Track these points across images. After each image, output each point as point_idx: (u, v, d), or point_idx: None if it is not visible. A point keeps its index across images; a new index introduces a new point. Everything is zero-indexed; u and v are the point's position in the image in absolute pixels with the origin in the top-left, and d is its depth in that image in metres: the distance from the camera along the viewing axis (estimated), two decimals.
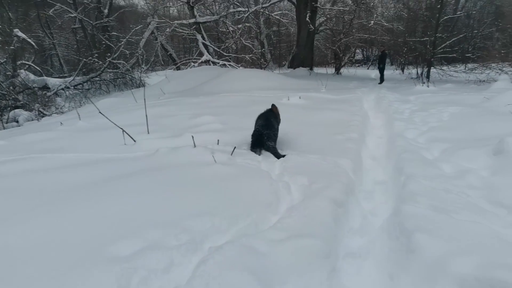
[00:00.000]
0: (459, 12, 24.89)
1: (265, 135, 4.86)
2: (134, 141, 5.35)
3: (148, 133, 5.98)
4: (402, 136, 6.00)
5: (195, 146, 4.63)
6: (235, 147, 4.57)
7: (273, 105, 5.80)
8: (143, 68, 25.15)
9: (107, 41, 23.53)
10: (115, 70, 20.69)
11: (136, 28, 23.13)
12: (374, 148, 6.10)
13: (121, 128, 5.43)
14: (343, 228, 3.28)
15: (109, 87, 20.06)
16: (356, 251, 3.06)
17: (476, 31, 20.43)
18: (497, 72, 13.46)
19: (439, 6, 17.86)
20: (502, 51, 12.75)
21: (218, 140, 5.02)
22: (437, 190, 3.51)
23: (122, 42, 22.36)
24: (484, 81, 13.45)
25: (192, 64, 24.55)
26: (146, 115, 6.08)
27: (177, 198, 3.21)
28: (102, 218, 2.81)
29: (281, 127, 5.60)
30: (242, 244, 2.52)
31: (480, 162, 4.33)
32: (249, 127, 6.24)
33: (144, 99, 6.73)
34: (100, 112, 5.93)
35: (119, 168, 4.07)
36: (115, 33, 25.35)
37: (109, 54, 21.53)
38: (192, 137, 4.65)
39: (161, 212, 2.91)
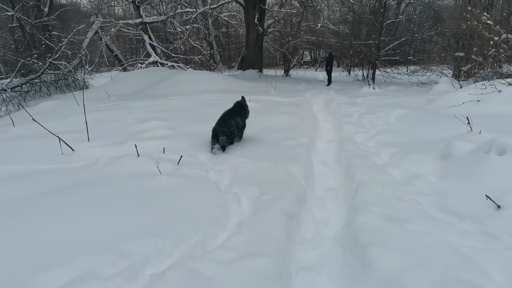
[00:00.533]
0: (400, 16, 25.82)
1: (220, 131, 5.26)
2: (72, 150, 4.95)
3: (89, 140, 5.58)
4: (352, 140, 5.97)
5: (138, 155, 4.32)
6: (181, 156, 4.31)
7: (242, 97, 6.46)
8: (87, 69, 24.12)
9: (47, 41, 22.26)
10: (56, 72, 19.67)
11: (79, 28, 22.07)
12: (325, 152, 6.03)
13: (57, 136, 5.00)
14: (296, 241, 3.12)
15: (50, 89, 19.01)
16: (310, 265, 2.90)
17: (416, 35, 21.21)
18: (438, 75, 14.00)
19: (382, 10, 18.39)
20: (442, 54, 13.26)
21: (164, 148, 4.73)
22: (388, 198, 3.43)
23: (64, 42, 21.25)
24: (425, 83, 13.94)
25: (139, 65, 23.77)
26: (86, 121, 5.65)
27: (115, 216, 2.91)
28: (27, 243, 2.47)
29: None
30: (187, 269, 2.28)
31: (429, 167, 4.34)
32: (199, 132, 6.00)
33: (84, 103, 6.28)
34: (33, 119, 5.45)
35: (52, 181, 3.70)
36: (55, 33, 24.05)
37: (49, 54, 20.43)
38: (135, 145, 4.33)
39: (97, 234, 2.61)
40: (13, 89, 17.33)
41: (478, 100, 7.54)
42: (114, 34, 28.08)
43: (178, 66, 24.13)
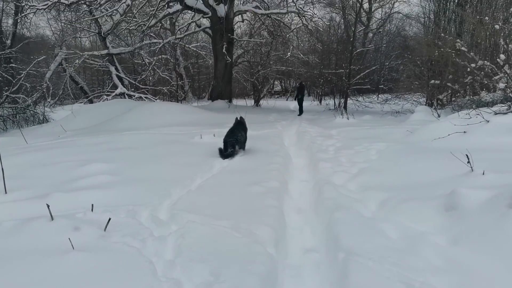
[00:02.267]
0: (370, 45, 25.68)
1: (229, 142, 6.61)
2: None
3: (6, 192, 4.37)
4: (330, 182, 4.98)
5: (52, 218, 3.17)
6: (109, 219, 3.17)
7: (241, 117, 7.69)
8: (49, 102, 22.76)
9: (3, 73, 20.82)
10: (13, 106, 18.26)
11: (38, 59, 20.82)
12: (299, 197, 5.01)
13: None
14: None
15: (7, 124, 17.52)
16: None
17: (386, 64, 20.93)
18: (412, 103, 13.39)
19: (351, 39, 17.99)
20: (416, 82, 12.66)
21: (92, 205, 3.59)
22: (393, 283, 2.40)
23: (22, 75, 19.92)
24: (399, 112, 13.29)
25: (105, 97, 22.62)
26: (2, 168, 4.44)
27: None
28: None
29: (184, 180, 4.31)
30: None
31: (431, 222, 3.36)
32: (146, 178, 4.89)
33: None
34: None
35: None
36: (13, 65, 22.62)
37: (6, 88, 19.05)
38: (48, 206, 3.17)
39: None
40: None
41: (464, 132, 6.73)
42: (80, 66, 26.93)
43: (146, 97, 23.16)
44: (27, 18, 28.24)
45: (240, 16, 21.63)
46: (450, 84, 11.10)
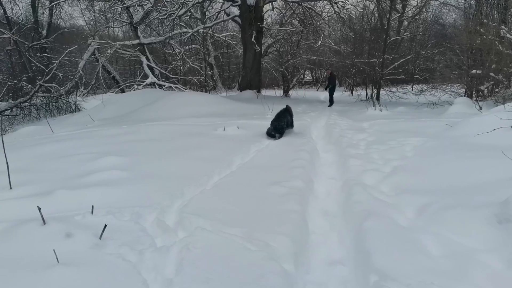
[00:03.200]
0: (405, 33, 24.47)
1: (276, 126, 7.47)
2: None
3: (11, 188, 4.08)
4: (360, 182, 4.45)
5: (44, 222, 2.81)
6: (105, 226, 2.77)
7: (287, 106, 8.40)
8: (82, 91, 23.02)
9: (37, 63, 21.06)
10: (46, 95, 18.45)
11: (70, 49, 20.87)
12: (325, 197, 4.50)
13: None
14: None
15: (40, 113, 17.75)
16: None
17: (423, 52, 19.80)
18: (450, 95, 12.47)
19: (385, 27, 17.06)
20: (455, 72, 11.71)
21: (92, 207, 3.21)
22: None
23: (55, 65, 20.07)
24: (435, 103, 12.42)
25: (136, 86, 22.64)
26: (7, 162, 4.14)
27: None
28: None
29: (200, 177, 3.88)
30: None
31: (481, 237, 2.81)
32: (160, 175, 4.50)
33: (2, 138, 4.73)
34: None
35: None
36: (46, 55, 22.88)
37: (40, 77, 19.25)
38: (39, 209, 2.81)
39: None
40: (1, 113, 16.06)
41: None
42: (112, 55, 27.11)
43: (176, 87, 23.04)
44: (62, 8, 28.71)
45: (270, 4, 20.97)
46: (493, 74, 10.18)
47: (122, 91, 23.78)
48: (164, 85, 22.50)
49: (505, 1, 12.83)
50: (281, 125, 7.53)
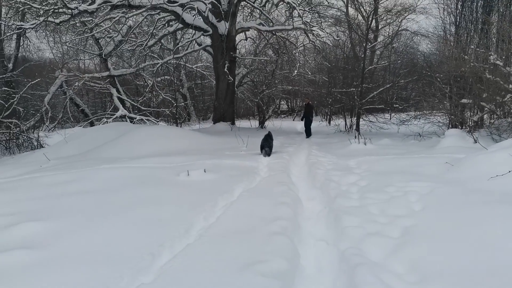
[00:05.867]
0: (383, 62, 23.93)
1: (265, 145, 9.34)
2: None
3: None
4: (363, 256, 3.18)
5: None
6: None
7: (269, 132, 10.19)
8: (47, 126, 21.48)
9: None
10: (6, 131, 16.79)
11: (32, 82, 19.45)
12: (317, 278, 3.20)
13: None
14: None
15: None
16: None
17: (402, 81, 19.12)
18: (438, 126, 11.49)
19: (363, 56, 16.31)
20: (445, 102, 10.70)
21: None
22: None
23: (15, 99, 18.52)
24: (420, 135, 11.39)
25: (105, 120, 21.23)
26: None
27: None
28: None
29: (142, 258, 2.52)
30: None
31: None
32: (89, 254, 3.11)
33: None
34: None
35: None
36: (5, 89, 21.27)
37: None
38: None
39: None
40: None
41: None
42: (81, 88, 25.73)
43: (147, 119, 21.78)
44: (30, 41, 27.22)
45: (243, 34, 20.10)
46: (484, 104, 9.24)
47: (92, 124, 22.38)
48: (135, 118, 21.23)
49: (487, 28, 12.19)
50: (270, 145, 9.47)
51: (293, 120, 32.22)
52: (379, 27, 32.47)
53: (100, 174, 6.61)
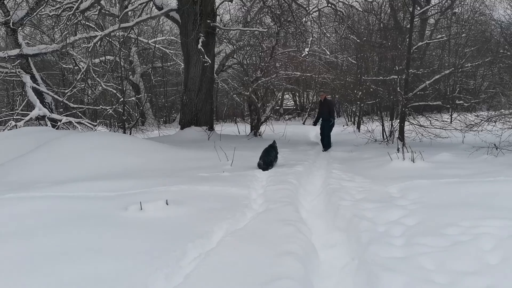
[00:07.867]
0: (438, 36, 24.28)
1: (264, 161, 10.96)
2: None
3: None
4: None
5: None
6: None
7: (274, 141, 12.21)
8: None
9: None
10: None
11: None
12: None
13: None
14: None
15: None
16: None
17: (468, 65, 19.40)
18: None
19: (408, 26, 16.53)
20: None
21: None
22: None
23: None
24: (497, 147, 11.47)
25: (14, 123, 21.52)
26: None
27: None
28: None
29: None
30: None
31: None
32: None
33: None
34: None
35: None
36: None
37: None
38: None
39: None
40: None
41: None
42: None
43: (79, 123, 22.10)
44: None
45: None
46: None
47: None
48: (60, 120, 21.52)
49: None
50: (270, 160, 11.05)
51: (303, 123, 32.53)
52: None
53: (2, 209, 6.60)
